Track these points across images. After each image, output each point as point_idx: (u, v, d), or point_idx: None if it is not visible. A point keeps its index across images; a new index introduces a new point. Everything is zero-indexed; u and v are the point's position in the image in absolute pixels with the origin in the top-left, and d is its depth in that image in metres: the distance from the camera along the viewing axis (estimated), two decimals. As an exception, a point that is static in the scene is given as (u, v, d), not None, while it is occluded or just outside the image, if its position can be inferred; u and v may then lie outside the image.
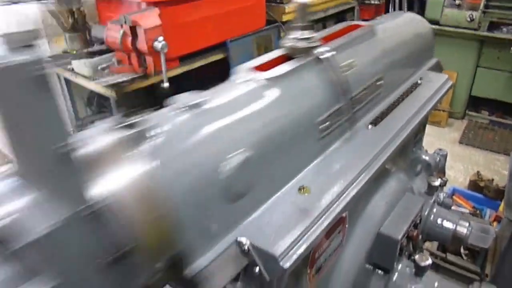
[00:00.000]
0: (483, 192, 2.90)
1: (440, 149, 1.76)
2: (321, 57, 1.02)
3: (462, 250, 2.34)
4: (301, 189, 0.90)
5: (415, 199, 1.32)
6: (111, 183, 0.58)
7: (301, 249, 0.77)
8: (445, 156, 1.76)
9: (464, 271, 2.21)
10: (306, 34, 1.01)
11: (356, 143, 1.09)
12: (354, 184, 0.95)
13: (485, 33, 3.97)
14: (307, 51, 1.02)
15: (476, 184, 2.94)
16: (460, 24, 4.02)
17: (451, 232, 1.47)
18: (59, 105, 0.50)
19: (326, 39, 1.14)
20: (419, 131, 1.58)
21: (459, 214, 1.56)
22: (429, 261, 1.22)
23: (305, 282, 0.97)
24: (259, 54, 0.91)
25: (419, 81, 1.49)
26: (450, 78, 1.57)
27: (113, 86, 2.62)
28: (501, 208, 2.66)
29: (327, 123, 1.00)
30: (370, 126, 1.18)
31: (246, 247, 0.75)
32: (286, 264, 0.74)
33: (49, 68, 0.48)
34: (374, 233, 1.18)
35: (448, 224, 1.47)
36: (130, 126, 0.66)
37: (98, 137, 0.63)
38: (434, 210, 1.50)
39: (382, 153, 1.08)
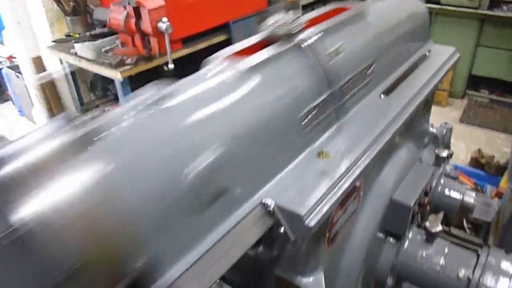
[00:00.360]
0: (484, 168, 2.94)
1: (445, 123, 1.79)
2: (305, 42, 0.92)
3: (465, 224, 2.39)
4: (320, 154, 0.93)
5: (426, 167, 1.36)
6: (42, 201, 0.48)
7: (324, 209, 0.79)
8: (450, 130, 1.79)
9: (468, 243, 2.26)
10: (288, 17, 0.92)
11: (371, 111, 1.12)
12: (371, 149, 0.97)
13: (486, 12, 3.95)
14: (289, 36, 0.91)
15: (477, 161, 2.98)
16: (461, 3, 4.01)
17: (458, 202, 1.51)
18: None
19: (311, 23, 1.04)
20: (427, 102, 1.61)
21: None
22: (440, 227, 1.26)
23: (323, 247, 1.00)
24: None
25: (427, 53, 1.51)
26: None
27: (118, 67, 2.62)
28: (502, 183, 2.70)
29: (311, 117, 0.91)
30: (382, 96, 1.20)
31: (271, 208, 0.78)
32: (311, 223, 0.76)
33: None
34: (387, 201, 1.21)
35: (455, 194, 1.51)
36: (77, 127, 0.57)
37: (36, 144, 0.53)
38: (442, 181, 1.54)
39: (396, 121, 1.11)
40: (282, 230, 0.79)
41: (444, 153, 1.55)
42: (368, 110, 1.11)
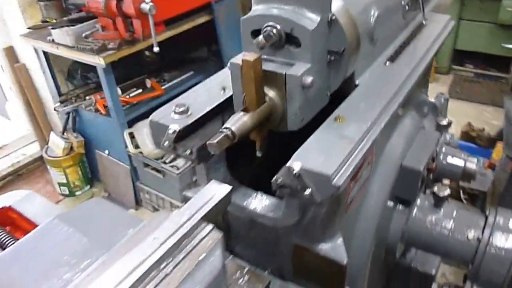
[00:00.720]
0: (475, 141, 2.99)
1: (441, 93, 1.79)
2: None
3: (462, 195, 2.44)
4: (337, 118, 0.91)
5: (431, 133, 1.36)
6: (336, 8, 0.87)
7: (350, 169, 0.78)
8: (447, 100, 1.79)
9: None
10: None
11: (378, 78, 1.11)
12: (385, 113, 0.98)
13: (467, -17, 3.90)
14: None
15: (468, 135, 3.03)
16: (441, -23, 3.99)
17: (461, 169, 1.51)
18: None
19: None
20: (427, 72, 1.60)
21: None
22: (448, 191, 1.26)
23: (341, 214, 0.98)
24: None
25: (424, 22, 1.50)
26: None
27: (100, 53, 2.51)
28: (494, 155, 2.76)
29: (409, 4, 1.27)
30: (387, 63, 1.19)
31: (297, 171, 0.75)
32: (339, 182, 0.74)
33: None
34: (397, 168, 1.20)
35: (458, 161, 1.51)
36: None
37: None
38: (443, 149, 1.54)
39: (404, 86, 1.11)
40: (308, 192, 0.76)
41: (445, 121, 1.55)
42: (376, 77, 1.12)
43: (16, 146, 3.93)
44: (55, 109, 3.19)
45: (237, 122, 0.80)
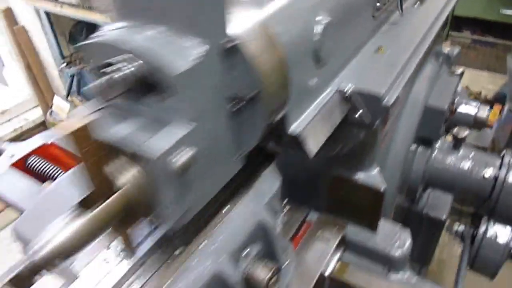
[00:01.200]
0: (473, 104, 3.09)
1: (453, 46, 1.84)
2: None
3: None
4: (379, 49, 0.95)
5: (450, 77, 1.42)
6: (240, 26, 0.59)
7: (398, 90, 0.82)
8: (458, 53, 1.85)
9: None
10: None
11: (410, 17, 1.15)
12: (420, 47, 1.01)
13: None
14: None
15: (466, 97, 3.12)
16: None
17: (473, 117, 1.59)
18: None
19: None
20: (446, 20, 1.65)
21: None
22: (467, 132, 1.33)
23: (377, 146, 1.03)
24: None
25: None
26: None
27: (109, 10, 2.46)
28: (490, 117, 2.86)
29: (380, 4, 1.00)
30: (417, 4, 1.23)
31: (348, 93, 0.79)
32: (389, 101, 0.79)
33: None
34: (421, 109, 1.26)
35: (470, 109, 1.59)
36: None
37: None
38: (457, 98, 1.61)
39: (434, 25, 1.15)
40: (358, 114, 0.81)
41: (459, 70, 1.62)
42: (407, 16, 1.14)
43: (18, 111, 3.89)
44: (60, 71, 3.15)
45: (62, 234, 0.46)
